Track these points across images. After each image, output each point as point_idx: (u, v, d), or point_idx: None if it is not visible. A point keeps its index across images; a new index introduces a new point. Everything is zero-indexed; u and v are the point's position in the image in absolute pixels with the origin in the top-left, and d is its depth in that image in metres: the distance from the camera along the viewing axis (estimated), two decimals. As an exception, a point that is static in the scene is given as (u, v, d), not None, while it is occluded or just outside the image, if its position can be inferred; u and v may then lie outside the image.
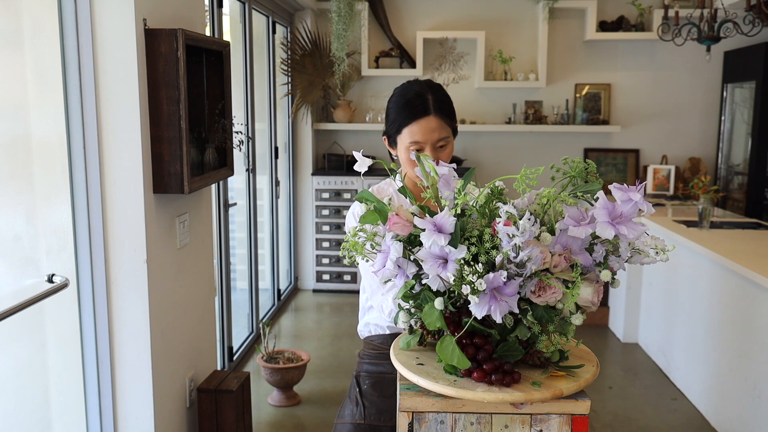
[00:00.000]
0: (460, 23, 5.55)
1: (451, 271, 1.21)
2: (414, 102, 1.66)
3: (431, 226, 1.22)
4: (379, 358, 1.77)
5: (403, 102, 1.68)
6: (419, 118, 1.65)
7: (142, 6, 2.24)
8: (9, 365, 2.19)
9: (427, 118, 1.65)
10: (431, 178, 1.33)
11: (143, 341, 2.36)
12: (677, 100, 5.60)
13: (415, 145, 1.65)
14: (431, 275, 1.23)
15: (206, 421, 2.74)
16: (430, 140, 1.65)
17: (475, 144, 5.73)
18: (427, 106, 1.65)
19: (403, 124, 1.66)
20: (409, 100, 1.67)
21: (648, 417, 3.42)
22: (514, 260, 1.19)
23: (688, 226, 3.88)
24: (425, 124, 1.65)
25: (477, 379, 1.25)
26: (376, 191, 1.76)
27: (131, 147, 2.25)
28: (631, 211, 1.20)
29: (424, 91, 1.69)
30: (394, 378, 1.72)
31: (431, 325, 1.24)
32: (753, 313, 2.98)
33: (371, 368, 1.78)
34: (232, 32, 4.17)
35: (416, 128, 1.65)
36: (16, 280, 2.18)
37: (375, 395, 1.76)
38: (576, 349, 1.42)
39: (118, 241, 2.30)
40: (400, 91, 1.72)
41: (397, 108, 1.69)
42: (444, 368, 1.30)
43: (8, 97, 2.20)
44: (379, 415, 1.74)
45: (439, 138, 1.66)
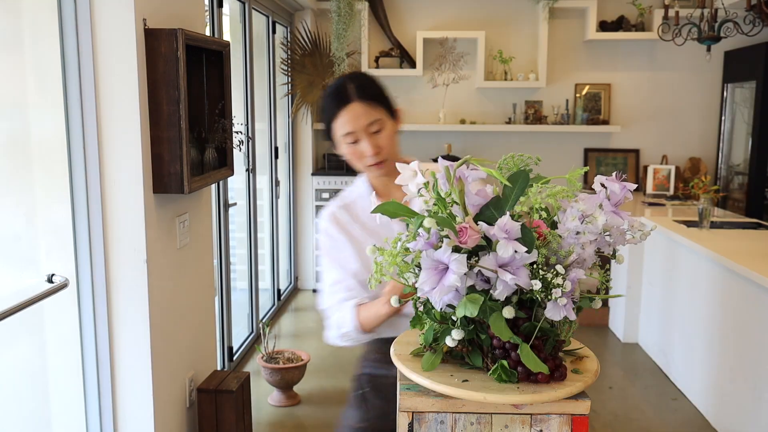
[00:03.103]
0: (460, 23, 5.55)
1: (524, 276, 1.17)
2: (334, 94, 1.65)
3: (504, 234, 1.17)
4: (377, 360, 1.76)
5: (328, 98, 1.66)
6: (342, 107, 1.62)
7: (142, 6, 2.24)
8: (9, 365, 2.19)
9: (349, 106, 1.61)
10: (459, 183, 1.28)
11: (143, 341, 2.36)
12: (677, 100, 5.60)
13: (348, 136, 1.63)
14: (504, 285, 1.17)
15: (206, 421, 2.74)
16: (360, 127, 1.61)
17: (475, 144, 5.73)
18: (346, 94, 1.62)
19: (331, 119, 1.64)
20: (329, 95, 1.66)
21: (648, 417, 3.42)
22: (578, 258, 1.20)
23: (689, 226, 3.88)
24: (350, 111, 1.61)
25: (542, 380, 1.24)
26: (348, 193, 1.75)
27: (131, 147, 2.25)
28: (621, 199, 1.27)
29: (343, 82, 1.67)
30: (394, 382, 1.70)
31: (504, 336, 1.18)
32: (753, 313, 2.98)
33: (372, 371, 1.77)
34: (232, 32, 4.17)
35: (343, 118, 1.62)
36: (16, 280, 2.18)
37: (377, 398, 1.75)
38: (573, 346, 1.42)
39: (118, 241, 2.30)
40: (325, 92, 1.70)
41: (324, 106, 1.67)
42: (498, 378, 1.25)
43: (8, 97, 2.20)
44: (380, 417, 1.73)
45: (368, 123, 1.62)
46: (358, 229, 1.70)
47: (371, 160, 1.65)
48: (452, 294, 1.20)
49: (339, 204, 1.74)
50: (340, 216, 1.71)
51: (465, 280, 1.20)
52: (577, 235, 1.20)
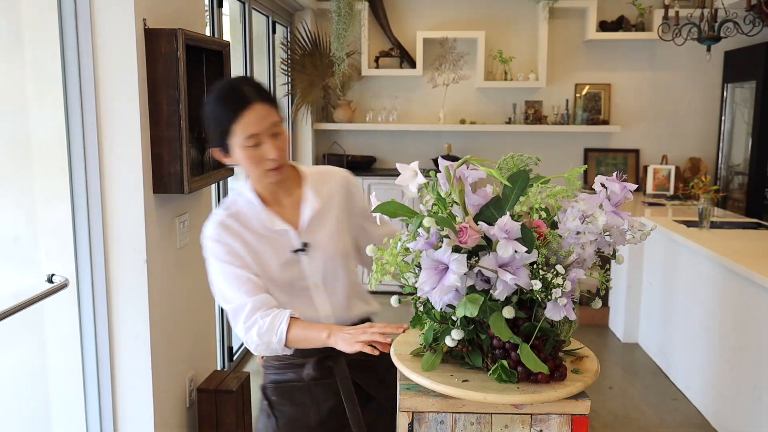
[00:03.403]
0: (460, 23, 5.55)
1: (524, 277, 1.16)
2: (233, 97, 1.55)
3: (504, 234, 1.16)
4: (284, 367, 1.71)
5: (222, 102, 1.56)
6: (244, 109, 1.53)
7: (142, 6, 2.24)
8: (9, 365, 2.19)
9: (252, 107, 1.53)
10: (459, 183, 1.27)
11: (143, 341, 2.36)
12: (677, 100, 5.60)
13: (251, 139, 1.54)
14: (504, 285, 1.17)
15: (206, 421, 2.74)
16: (264, 128, 1.54)
17: (475, 144, 5.73)
18: (247, 96, 1.54)
19: (232, 122, 1.53)
20: (227, 98, 1.56)
21: (648, 417, 3.42)
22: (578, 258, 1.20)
23: (689, 226, 3.88)
24: (254, 112, 1.53)
25: (541, 380, 1.23)
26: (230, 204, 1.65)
27: (131, 147, 2.25)
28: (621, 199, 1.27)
29: (237, 84, 1.60)
30: (302, 386, 1.68)
31: (504, 336, 1.18)
32: (753, 313, 2.98)
33: (278, 378, 1.72)
34: (232, 32, 4.17)
35: (247, 120, 1.53)
36: (15, 280, 2.18)
37: (286, 404, 1.70)
38: (573, 346, 1.42)
39: (118, 241, 2.30)
40: (213, 95, 1.60)
41: (218, 111, 1.56)
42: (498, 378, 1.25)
43: (8, 97, 2.20)
44: (291, 423, 1.69)
45: (271, 123, 1.55)
46: (250, 236, 1.62)
47: (273, 164, 1.56)
48: (452, 294, 1.20)
49: (226, 213, 1.64)
50: (230, 224, 1.62)
51: (465, 280, 1.19)
52: (578, 235, 1.21)
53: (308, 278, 1.66)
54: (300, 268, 1.65)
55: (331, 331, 1.51)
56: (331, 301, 1.70)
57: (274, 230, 1.63)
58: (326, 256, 1.67)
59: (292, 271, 1.64)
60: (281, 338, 1.52)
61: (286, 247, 1.64)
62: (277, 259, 1.63)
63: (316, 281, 1.67)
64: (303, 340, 1.54)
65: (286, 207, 1.67)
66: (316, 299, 1.68)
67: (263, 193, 1.66)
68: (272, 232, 1.63)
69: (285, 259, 1.63)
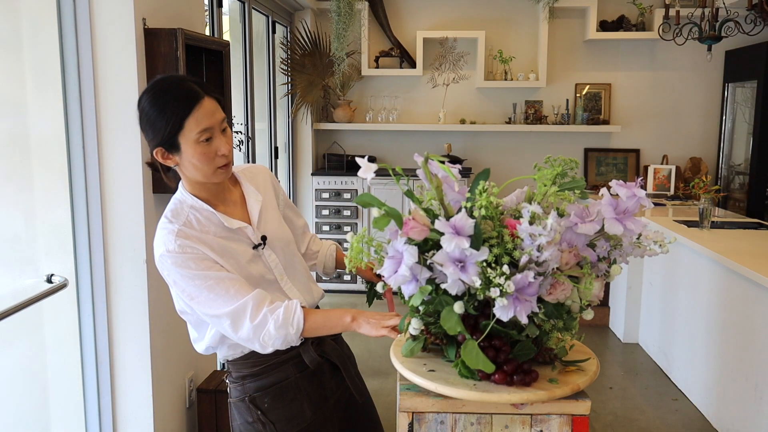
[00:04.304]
0: (460, 23, 5.55)
1: (473, 274, 1.17)
2: (181, 92, 1.48)
3: (451, 229, 1.18)
4: (267, 370, 1.65)
5: (172, 97, 1.48)
6: (197, 102, 1.47)
7: (142, 6, 2.24)
8: (8, 365, 2.19)
9: (204, 101, 1.48)
10: (436, 179, 1.29)
11: (143, 341, 2.35)
12: (678, 99, 5.60)
13: (205, 132, 1.47)
14: (451, 279, 1.18)
15: (206, 421, 2.74)
16: (216, 122, 1.49)
17: (475, 144, 5.72)
18: (196, 90, 1.49)
19: (185, 116, 1.46)
20: (175, 93, 1.48)
21: (648, 417, 3.42)
22: (536, 260, 1.19)
23: (689, 226, 3.88)
24: (205, 106, 1.48)
25: (498, 381, 1.23)
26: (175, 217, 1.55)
27: (131, 147, 2.25)
28: (634, 207, 1.23)
29: (182, 79, 1.53)
30: (291, 381, 1.65)
31: (451, 330, 1.20)
32: (754, 313, 2.98)
33: (264, 383, 1.65)
34: (232, 32, 4.17)
35: (200, 113, 1.47)
36: (15, 280, 2.18)
37: (280, 407, 1.65)
38: (573, 345, 1.41)
39: (118, 241, 2.30)
40: (157, 91, 1.50)
41: (168, 106, 1.47)
42: (459, 372, 1.27)
43: (7, 97, 2.20)
44: (289, 423, 1.65)
45: (222, 119, 1.51)
46: (212, 239, 1.55)
47: (224, 160, 1.52)
48: (413, 284, 1.23)
49: (178, 223, 1.53)
50: (188, 232, 1.52)
51: (421, 271, 1.22)
52: (531, 237, 1.18)
53: (274, 270, 1.65)
54: (264, 262, 1.64)
55: (354, 315, 1.52)
56: (298, 288, 1.70)
57: (232, 229, 1.59)
58: (283, 245, 1.69)
59: (258, 266, 1.62)
60: (299, 327, 1.50)
61: (247, 244, 1.61)
62: (243, 258, 1.59)
63: (280, 272, 1.67)
64: (322, 326, 1.54)
65: (230, 206, 1.64)
66: (287, 289, 1.67)
67: (205, 195, 1.58)
68: (230, 232, 1.59)
69: (249, 256, 1.60)
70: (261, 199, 1.68)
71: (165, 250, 1.50)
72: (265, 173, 1.78)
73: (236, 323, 1.51)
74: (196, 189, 1.58)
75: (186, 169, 1.53)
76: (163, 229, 1.53)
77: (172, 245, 1.50)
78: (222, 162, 1.52)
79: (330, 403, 1.71)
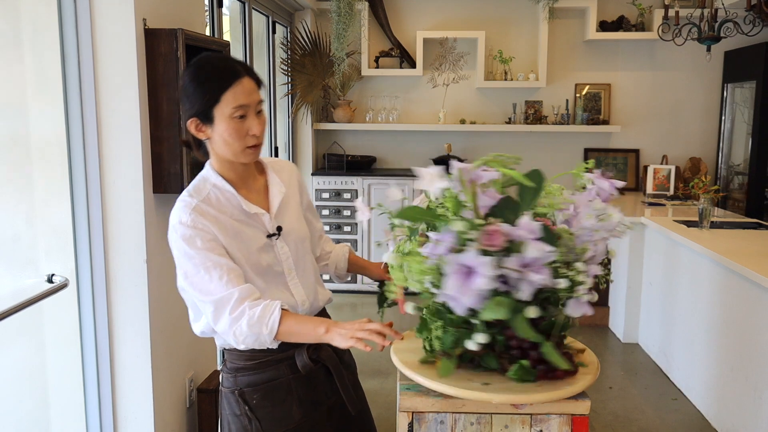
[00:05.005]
0: (460, 23, 5.55)
1: (548, 276, 1.16)
2: (224, 67, 1.53)
3: (530, 234, 1.16)
4: (260, 366, 1.62)
5: (211, 71, 1.53)
6: (236, 79, 1.51)
7: (142, 6, 2.24)
8: (9, 365, 2.19)
9: (244, 79, 1.52)
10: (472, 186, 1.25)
11: (143, 341, 2.36)
12: (677, 100, 5.60)
13: (240, 109, 1.50)
14: (529, 283, 1.17)
15: (206, 421, 2.74)
16: (253, 102, 1.53)
17: (475, 144, 5.72)
18: (239, 68, 1.54)
19: (223, 89, 1.50)
20: (217, 67, 1.53)
21: (648, 417, 3.42)
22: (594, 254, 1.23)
23: (689, 226, 3.88)
24: (245, 84, 1.52)
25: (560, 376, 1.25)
26: (197, 191, 1.58)
27: (131, 147, 2.25)
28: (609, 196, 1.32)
29: (225, 57, 1.60)
30: (283, 382, 1.62)
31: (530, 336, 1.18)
32: (753, 313, 2.98)
33: (255, 379, 1.63)
34: (232, 32, 4.17)
35: (239, 90, 1.50)
36: (15, 280, 2.18)
37: (268, 405, 1.63)
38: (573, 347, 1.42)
39: (118, 241, 2.30)
40: (200, 64, 1.56)
41: (206, 79, 1.52)
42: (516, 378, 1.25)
43: (8, 97, 2.20)
44: (275, 423, 1.62)
45: (258, 100, 1.55)
46: (226, 219, 1.56)
47: (254, 140, 1.54)
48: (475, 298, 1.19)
49: (197, 198, 1.57)
50: (205, 209, 1.55)
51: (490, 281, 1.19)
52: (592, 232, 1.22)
53: (283, 263, 1.64)
54: (275, 253, 1.63)
55: (328, 326, 1.46)
56: (303, 286, 1.68)
57: (249, 214, 1.60)
58: (297, 240, 1.67)
59: (269, 256, 1.62)
60: (273, 330, 1.46)
61: (261, 231, 1.61)
62: (255, 244, 1.59)
63: (289, 266, 1.65)
64: (296, 333, 1.48)
65: (253, 192, 1.65)
66: (291, 285, 1.66)
67: (230, 176, 1.61)
68: (247, 216, 1.59)
69: (261, 244, 1.60)
70: (284, 191, 1.68)
71: (178, 222, 1.54)
72: (292, 169, 1.79)
73: (217, 312, 1.50)
74: (222, 168, 1.61)
75: (216, 144, 1.56)
76: (182, 202, 1.57)
77: (186, 218, 1.53)
78: (252, 142, 1.54)
79: (323, 409, 1.68)
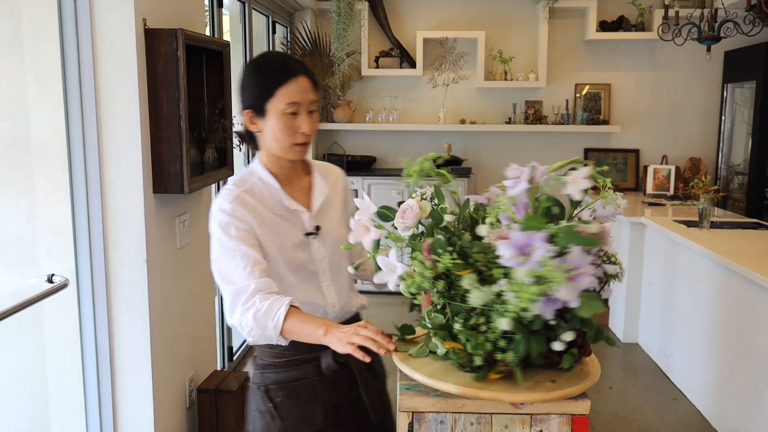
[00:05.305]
0: (460, 23, 5.55)
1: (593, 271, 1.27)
2: (283, 64, 1.59)
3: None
4: (287, 365, 1.63)
5: (270, 66, 1.59)
6: (293, 77, 1.56)
7: (142, 6, 2.24)
8: (9, 365, 2.19)
9: (301, 77, 1.56)
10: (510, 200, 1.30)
11: (143, 341, 2.36)
12: (677, 100, 5.60)
13: (292, 106, 1.55)
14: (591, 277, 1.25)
15: (206, 421, 2.74)
16: (306, 101, 1.57)
17: (475, 144, 5.72)
18: (296, 67, 1.58)
19: (278, 85, 1.54)
20: (276, 64, 1.59)
21: (648, 417, 3.42)
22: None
23: (689, 226, 3.88)
24: (301, 82, 1.56)
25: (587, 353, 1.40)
26: (242, 181, 1.63)
27: (131, 147, 2.25)
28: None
29: (286, 55, 1.66)
30: (309, 383, 1.63)
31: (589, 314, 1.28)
32: (753, 313, 2.98)
33: (281, 377, 1.64)
34: (232, 32, 4.17)
35: (293, 87, 1.55)
36: (15, 280, 2.18)
37: (293, 404, 1.63)
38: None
39: (118, 241, 2.30)
40: (261, 59, 1.64)
41: (264, 73, 1.58)
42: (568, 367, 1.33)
43: (8, 97, 2.20)
44: (298, 423, 1.63)
45: (312, 100, 1.58)
46: (265, 212, 1.60)
47: (303, 138, 1.58)
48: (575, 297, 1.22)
49: (241, 188, 1.61)
50: (246, 199, 1.58)
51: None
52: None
53: (317, 263, 1.65)
54: (310, 251, 1.65)
55: (328, 328, 1.43)
56: (336, 289, 1.68)
57: (289, 209, 1.63)
58: (334, 243, 1.67)
59: (304, 254, 1.63)
60: (278, 325, 1.44)
61: (299, 228, 1.63)
62: (291, 240, 1.62)
63: (324, 267, 1.66)
64: (299, 332, 1.46)
65: (296, 189, 1.67)
66: (324, 285, 1.66)
67: (277, 171, 1.65)
68: (287, 212, 1.63)
69: (298, 241, 1.63)
70: (327, 192, 1.70)
71: (218, 208, 1.58)
72: (339, 174, 1.80)
73: (233, 302, 1.50)
74: (270, 162, 1.65)
75: (266, 138, 1.61)
76: (225, 189, 1.61)
77: (227, 205, 1.57)
78: (300, 139, 1.58)
79: (346, 413, 1.66)
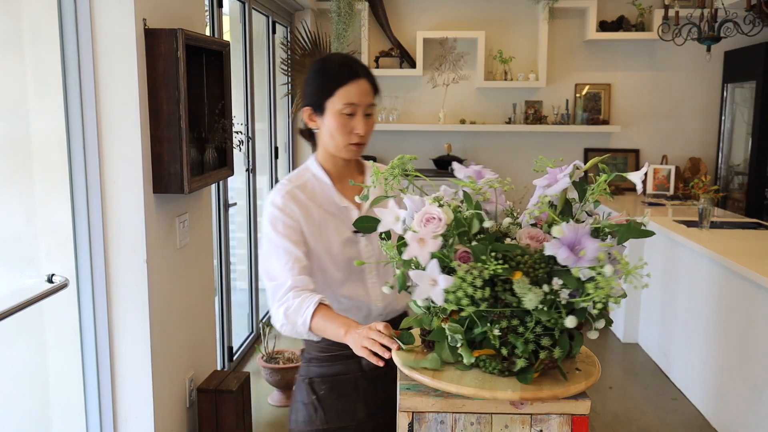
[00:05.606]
0: (460, 23, 5.55)
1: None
2: (344, 66, 1.64)
3: None
4: (331, 360, 1.69)
5: (332, 66, 1.64)
6: (354, 78, 1.61)
7: (142, 6, 2.24)
8: (9, 365, 2.19)
9: (361, 80, 1.62)
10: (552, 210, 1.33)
11: (143, 341, 2.36)
12: (677, 100, 5.60)
13: (349, 107, 1.60)
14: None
15: (206, 421, 2.74)
16: (363, 103, 1.62)
17: (475, 144, 5.73)
18: (358, 69, 1.63)
19: (338, 85, 1.60)
20: (338, 64, 1.65)
21: (648, 417, 3.42)
22: None
23: (689, 226, 3.88)
24: (360, 85, 1.62)
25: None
26: (296, 177, 1.70)
27: (131, 147, 2.25)
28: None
29: (353, 59, 1.70)
30: (350, 378, 1.68)
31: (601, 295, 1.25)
32: (753, 313, 2.98)
33: (325, 371, 1.70)
34: (232, 32, 4.17)
35: (352, 88, 1.60)
36: (16, 280, 2.18)
37: (335, 398, 1.69)
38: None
39: (118, 241, 2.30)
40: (323, 61, 1.68)
41: (326, 73, 1.64)
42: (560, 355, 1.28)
43: (8, 97, 2.20)
44: (340, 416, 1.69)
45: (369, 103, 1.64)
46: (315, 209, 1.65)
47: (357, 138, 1.63)
48: None
49: (294, 184, 1.67)
50: (298, 194, 1.65)
51: None
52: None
53: (364, 260, 1.68)
54: (358, 249, 1.68)
55: (348, 329, 1.45)
56: (382, 286, 1.70)
57: (340, 206, 1.67)
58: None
59: (352, 250, 1.67)
60: (306, 322, 1.49)
61: (348, 225, 1.66)
62: (339, 237, 1.66)
63: (371, 265, 1.70)
64: (324, 330, 1.50)
65: (348, 188, 1.71)
66: (369, 283, 1.70)
67: (331, 169, 1.70)
68: (337, 208, 1.67)
69: (346, 238, 1.66)
70: (378, 193, 1.69)
71: (270, 202, 1.64)
72: None
73: (272, 297, 1.57)
74: (325, 160, 1.71)
75: (323, 135, 1.67)
76: (280, 184, 1.68)
77: (279, 200, 1.63)
78: (355, 140, 1.64)
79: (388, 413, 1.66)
